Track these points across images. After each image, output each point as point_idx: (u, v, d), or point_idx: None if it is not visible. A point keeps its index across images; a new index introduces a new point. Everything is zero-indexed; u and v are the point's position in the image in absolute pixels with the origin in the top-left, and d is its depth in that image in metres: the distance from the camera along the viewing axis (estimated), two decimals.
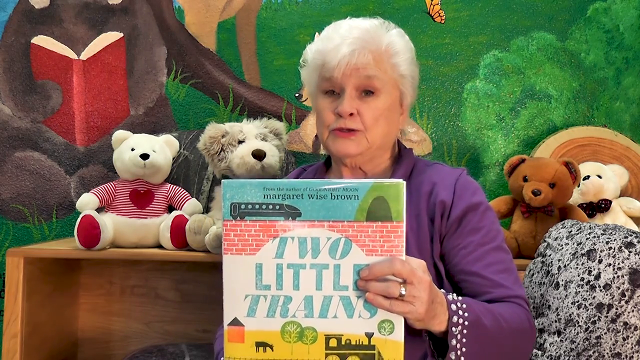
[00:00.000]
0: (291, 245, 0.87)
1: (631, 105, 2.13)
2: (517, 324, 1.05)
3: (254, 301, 0.88)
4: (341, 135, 1.15)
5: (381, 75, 1.14)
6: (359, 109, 1.14)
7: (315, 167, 1.30)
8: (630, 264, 1.24)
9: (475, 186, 1.18)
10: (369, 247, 0.86)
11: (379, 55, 1.14)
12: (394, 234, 0.86)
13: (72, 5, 2.12)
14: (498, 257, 1.12)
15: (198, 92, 2.14)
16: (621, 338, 1.21)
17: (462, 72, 2.14)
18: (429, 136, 2.12)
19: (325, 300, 0.87)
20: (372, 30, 1.15)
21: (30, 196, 2.09)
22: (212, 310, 1.95)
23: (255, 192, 0.86)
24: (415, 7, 2.13)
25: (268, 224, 0.87)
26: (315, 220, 0.86)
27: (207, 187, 1.87)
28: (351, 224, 0.86)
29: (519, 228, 1.75)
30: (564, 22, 2.13)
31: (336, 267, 0.87)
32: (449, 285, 1.13)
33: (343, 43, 1.13)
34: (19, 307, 1.60)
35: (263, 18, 2.15)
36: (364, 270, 0.86)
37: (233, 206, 0.87)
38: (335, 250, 0.87)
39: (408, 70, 1.18)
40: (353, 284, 0.87)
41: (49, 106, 2.11)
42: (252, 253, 0.87)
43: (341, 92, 1.15)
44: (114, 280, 1.99)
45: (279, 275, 0.87)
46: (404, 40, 1.19)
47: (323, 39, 1.18)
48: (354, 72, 1.13)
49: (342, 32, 1.15)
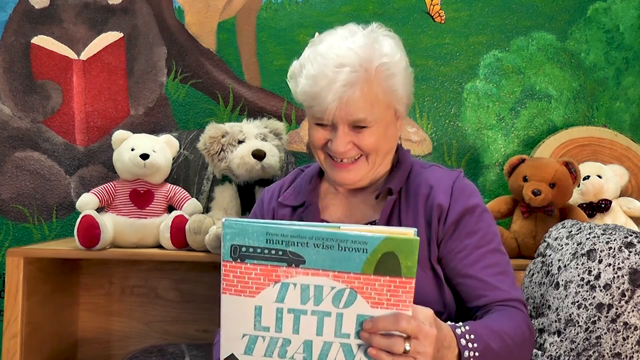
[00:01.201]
0: (293, 291, 0.83)
1: (631, 105, 2.13)
2: (520, 336, 1.06)
3: (252, 340, 0.85)
4: (339, 167, 1.15)
5: (372, 113, 1.10)
6: (354, 141, 1.12)
7: (313, 168, 1.29)
8: (630, 264, 1.24)
9: (472, 188, 1.18)
10: (374, 299, 0.83)
11: (367, 83, 1.08)
12: (402, 289, 0.82)
13: (72, 5, 2.12)
14: (495, 260, 1.12)
15: (198, 92, 2.14)
16: (621, 338, 1.21)
17: (462, 72, 2.14)
18: (429, 136, 2.12)
19: (325, 346, 0.85)
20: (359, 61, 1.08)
21: (30, 196, 2.09)
22: (212, 310, 1.95)
23: (257, 235, 0.82)
24: (415, 7, 2.13)
25: (270, 268, 0.83)
26: (319, 269, 0.82)
27: (207, 187, 1.87)
28: (357, 276, 0.82)
29: (519, 228, 1.75)
30: (564, 22, 2.13)
31: (339, 315, 0.84)
32: (449, 289, 1.13)
33: (330, 88, 1.07)
34: (19, 307, 1.60)
35: (263, 18, 2.15)
36: (367, 322, 0.83)
37: (233, 248, 0.83)
38: (339, 299, 0.83)
39: (403, 88, 1.14)
40: (355, 333, 0.84)
41: (49, 106, 2.11)
42: (251, 295, 0.84)
43: (334, 127, 1.12)
44: (114, 280, 1.99)
45: (279, 318, 0.84)
46: (396, 59, 1.13)
47: (309, 77, 1.11)
48: (344, 115, 1.09)
49: (328, 72, 1.08)
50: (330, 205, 1.23)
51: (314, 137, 1.16)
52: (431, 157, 2.11)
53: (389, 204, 1.14)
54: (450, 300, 1.12)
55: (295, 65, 1.18)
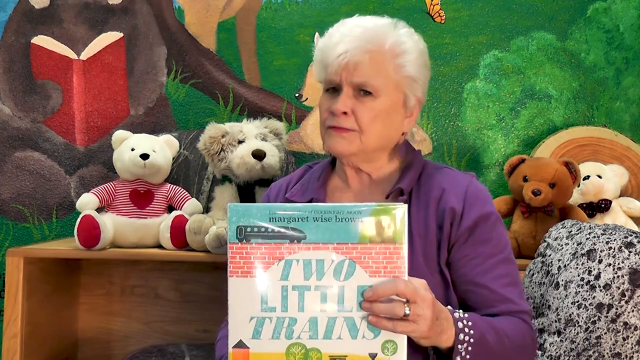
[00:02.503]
0: (296, 268, 0.88)
1: (631, 105, 2.13)
2: (520, 341, 1.06)
3: (259, 323, 0.89)
4: (334, 132, 1.14)
5: (376, 80, 1.11)
6: (354, 108, 1.12)
7: (322, 165, 1.29)
8: (630, 264, 1.24)
9: (486, 194, 1.17)
10: (372, 268, 0.88)
11: (380, 54, 1.11)
12: (396, 255, 0.88)
13: (72, 5, 2.12)
14: (506, 270, 1.12)
15: (198, 92, 2.14)
16: (621, 338, 1.21)
17: (462, 72, 2.13)
18: (429, 136, 2.12)
19: (329, 322, 0.89)
20: (375, 28, 1.13)
21: (30, 196, 2.09)
22: (212, 310, 1.95)
23: (261, 215, 0.88)
24: (415, 7, 2.13)
25: (274, 246, 0.88)
26: (320, 243, 0.88)
27: (207, 187, 1.87)
28: (355, 246, 0.88)
29: (519, 228, 1.75)
30: (564, 22, 2.13)
31: (340, 289, 0.89)
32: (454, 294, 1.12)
33: (341, 41, 1.11)
34: (19, 307, 1.60)
35: (263, 18, 2.15)
36: (367, 291, 0.88)
37: (239, 229, 0.88)
38: (340, 272, 0.88)
39: (414, 71, 1.15)
40: (357, 305, 0.89)
41: (49, 106, 2.11)
42: (257, 276, 0.89)
43: (339, 89, 1.14)
44: (114, 280, 1.99)
45: (284, 297, 0.89)
46: (412, 40, 1.15)
47: (326, 35, 1.17)
48: (349, 72, 1.11)
49: (343, 30, 1.14)
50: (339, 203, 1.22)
51: (321, 106, 1.17)
52: (431, 157, 2.11)
53: None
54: (455, 304, 1.12)
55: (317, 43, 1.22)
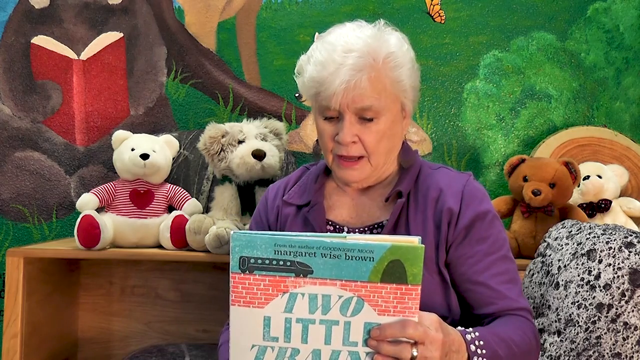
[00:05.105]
0: (301, 301, 0.85)
1: (631, 105, 2.13)
2: (527, 345, 1.07)
3: (261, 351, 0.87)
4: (345, 165, 1.14)
5: (379, 101, 1.10)
6: (359, 134, 1.11)
7: (317, 169, 1.29)
8: (630, 264, 1.24)
9: (483, 193, 1.17)
10: (381, 307, 0.85)
11: (376, 71, 1.08)
12: (408, 296, 0.84)
13: (72, 5, 2.12)
14: (504, 267, 1.12)
15: (198, 92, 2.14)
16: (621, 338, 1.21)
17: (462, 72, 2.14)
18: (429, 136, 2.12)
19: (333, 354, 0.86)
20: (367, 48, 1.09)
21: (30, 196, 2.09)
22: (212, 310, 1.94)
23: (265, 247, 0.84)
24: (415, 7, 2.13)
25: (278, 279, 0.84)
26: (327, 279, 0.84)
27: (207, 187, 1.87)
28: (364, 284, 0.84)
29: (519, 228, 1.75)
30: (564, 22, 2.13)
31: (346, 324, 0.85)
32: (454, 293, 1.13)
33: (338, 72, 1.07)
34: (19, 307, 1.60)
35: (263, 18, 2.15)
36: (374, 330, 0.85)
37: (242, 260, 0.84)
38: (347, 308, 0.85)
39: (409, 80, 1.14)
40: (363, 341, 0.86)
41: (49, 106, 2.11)
42: (260, 306, 0.85)
43: (340, 117, 1.12)
44: (114, 280, 1.99)
45: (287, 328, 0.86)
46: (403, 50, 1.14)
47: (317, 64, 1.10)
48: (351, 102, 1.09)
49: (336, 57, 1.08)
50: (337, 206, 1.22)
51: (323, 134, 1.15)
52: (431, 157, 2.11)
53: (397, 207, 1.13)
54: (455, 304, 1.12)
55: (303, 59, 1.17)
